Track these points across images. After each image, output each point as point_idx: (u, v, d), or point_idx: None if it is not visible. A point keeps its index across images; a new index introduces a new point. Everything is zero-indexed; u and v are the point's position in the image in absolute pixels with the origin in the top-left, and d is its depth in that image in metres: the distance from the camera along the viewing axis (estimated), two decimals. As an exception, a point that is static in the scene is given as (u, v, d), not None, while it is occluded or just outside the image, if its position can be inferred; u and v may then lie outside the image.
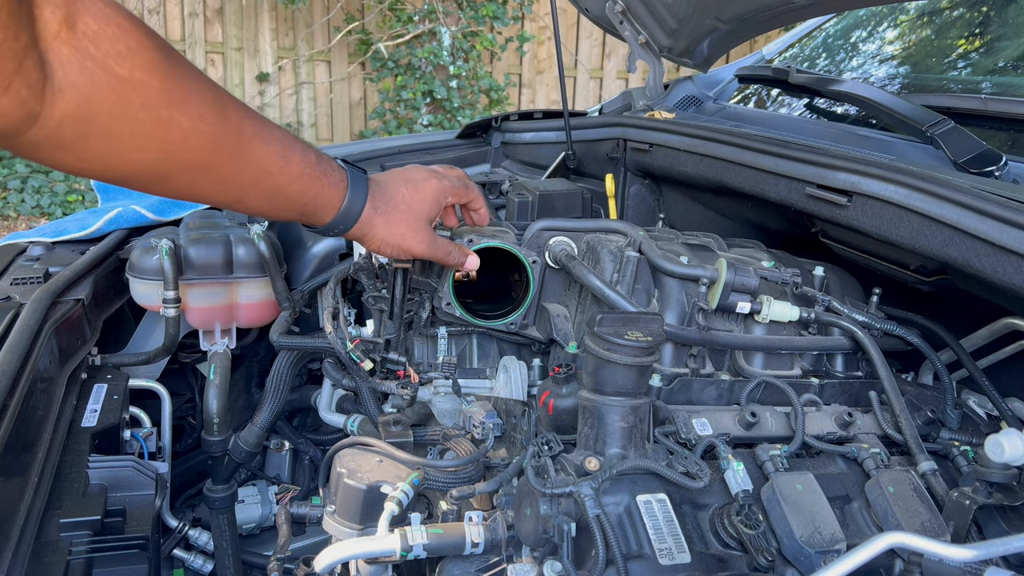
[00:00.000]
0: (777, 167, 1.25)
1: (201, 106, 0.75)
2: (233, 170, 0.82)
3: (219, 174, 0.81)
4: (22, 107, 0.60)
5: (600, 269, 1.14)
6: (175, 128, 0.73)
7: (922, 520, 0.85)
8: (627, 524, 0.82)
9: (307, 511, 1.15)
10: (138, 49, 0.68)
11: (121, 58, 0.66)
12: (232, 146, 0.80)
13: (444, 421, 1.19)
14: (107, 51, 0.65)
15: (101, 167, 0.73)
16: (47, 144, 0.66)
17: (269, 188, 0.87)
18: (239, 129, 0.80)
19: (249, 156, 0.82)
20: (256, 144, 0.83)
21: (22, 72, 0.58)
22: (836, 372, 1.13)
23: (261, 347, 1.72)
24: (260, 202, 0.89)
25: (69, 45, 0.63)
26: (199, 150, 0.77)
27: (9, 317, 1.13)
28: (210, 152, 0.78)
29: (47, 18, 0.61)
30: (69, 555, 0.91)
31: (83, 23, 0.64)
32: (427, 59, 6.29)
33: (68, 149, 0.68)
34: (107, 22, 0.65)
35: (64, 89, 0.63)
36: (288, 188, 0.89)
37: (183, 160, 0.76)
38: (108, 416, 1.20)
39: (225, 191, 0.85)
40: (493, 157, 2.17)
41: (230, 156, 0.80)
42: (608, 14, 1.87)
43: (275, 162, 0.85)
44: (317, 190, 0.92)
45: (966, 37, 1.83)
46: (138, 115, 0.69)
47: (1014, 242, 0.88)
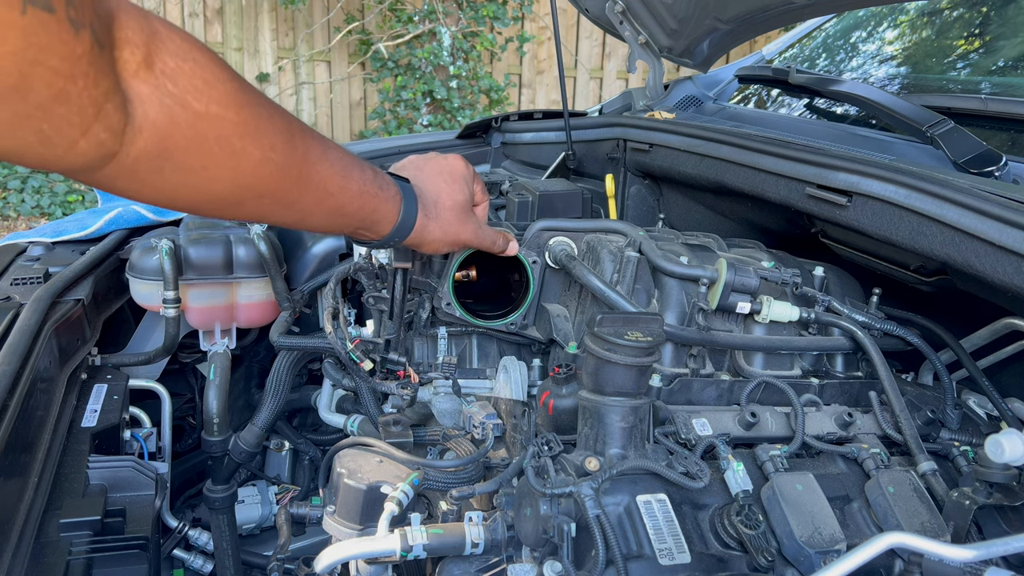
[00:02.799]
0: (777, 167, 1.25)
1: (272, 135, 0.76)
2: (298, 194, 0.83)
3: (285, 198, 0.82)
4: (100, 148, 0.60)
5: (600, 269, 1.14)
6: (247, 159, 0.74)
7: (922, 520, 0.85)
8: (627, 524, 0.82)
9: (307, 511, 1.15)
10: (214, 83, 0.68)
11: (198, 93, 0.67)
12: (298, 172, 0.81)
13: (444, 421, 1.19)
14: (185, 87, 0.65)
15: (173, 196, 0.73)
16: (121, 178, 0.66)
17: (330, 207, 0.88)
18: (305, 154, 0.82)
19: (313, 179, 0.84)
20: (320, 167, 0.84)
21: (102, 116, 0.59)
22: (836, 372, 1.13)
23: (261, 347, 1.72)
24: (321, 221, 0.91)
25: (148, 84, 0.63)
26: (269, 178, 0.78)
27: (9, 317, 1.13)
28: (278, 179, 0.79)
29: (127, 59, 0.61)
30: (69, 555, 0.91)
31: (161, 61, 0.64)
32: (427, 59, 6.29)
33: (142, 182, 0.68)
34: (184, 58, 0.66)
35: (144, 128, 0.63)
36: (348, 207, 0.90)
37: (253, 188, 0.77)
38: (108, 416, 1.20)
39: (289, 213, 0.86)
40: (493, 157, 2.17)
41: (295, 181, 0.81)
42: (608, 14, 1.87)
43: (336, 182, 0.87)
44: (375, 206, 0.93)
45: (966, 37, 1.83)
46: (213, 148, 0.70)
47: (1014, 242, 0.88)
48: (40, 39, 0.51)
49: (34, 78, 0.52)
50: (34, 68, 0.52)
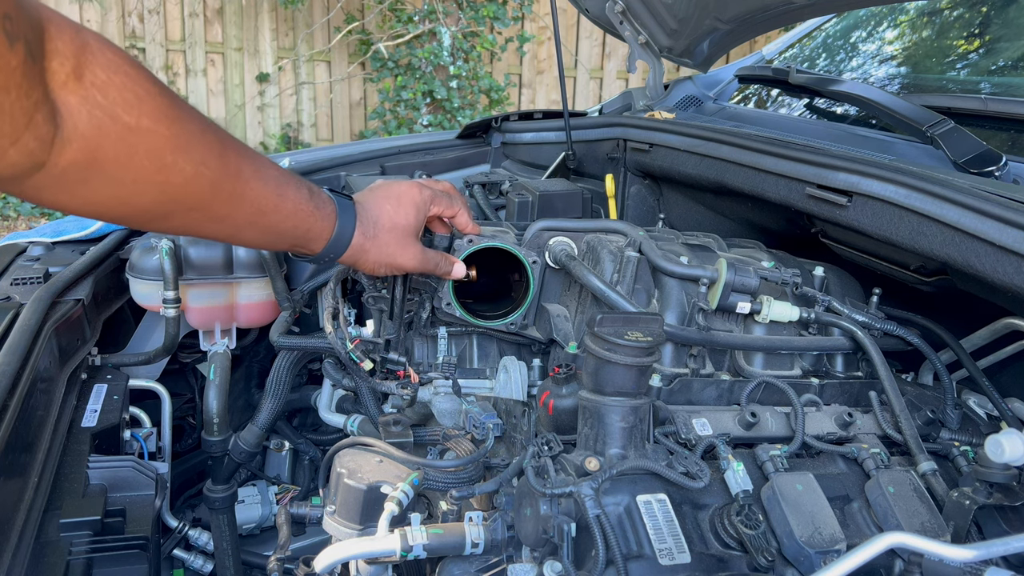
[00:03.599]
0: (777, 167, 1.25)
1: (204, 150, 0.76)
2: (230, 209, 0.83)
3: (216, 213, 0.82)
4: (29, 158, 0.61)
5: (600, 269, 1.14)
6: (177, 173, 0.74)
7: (922, 520, 0.85)
8: (627, 524, 0.82)
9: (307, 511, 1.15)
10: (145, 97, 0.68)
11: (129, 106, 0.67)
12: (230, 187, 0.81)
13: (444, 421, 1.19)
14: (115, 100, 0.65)
15: (100, 209, 0.73)
16: (48, 188, 0.66)
17: (263, 225, 0.88)
18: (238, 170, 0.82)
19: (246, 195, 0.83)
20: (253, 184, 0.84)
21: (32, 126, 0.59)
22: (836, 372, 1.13)
23: (261, 347, 1.72)
24: (254, 237, 0.92)
25: (77, 95, 0.63)
26: (199, 193, 0.77)
27: (9, 317, 1.13)
28: (209, 194, 0.79)
29: (55, 69, 0.61)
30: (69, 555, 0.91)
31: (91, 73, 0.64)
32: (427, 59, 6.29)
33: (70, 193, 0.68)
34: (115, 71, 0.66)
35: (72, 139, 0.63)
36: (281, 224, 0.90)
37: (183, 202, 0.77)
38: (108, 416, 1.20)
39: (221, 228, 0.86)
40: (493, 157, 2.17)
41: (228, 197, 0.81)
42: (608, 14, 1.87)
43: (270, 201, 0.87)
44: (309, 224, 0.94)
45: (966, 37, 1.83)
46: (143, 162, 0.70)
47: (1014, 242, 0.88)
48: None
49: None
50: None
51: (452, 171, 2.07)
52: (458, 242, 1.17)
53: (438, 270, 1.12)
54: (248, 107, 6.72)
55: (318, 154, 2.06)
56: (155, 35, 6.44)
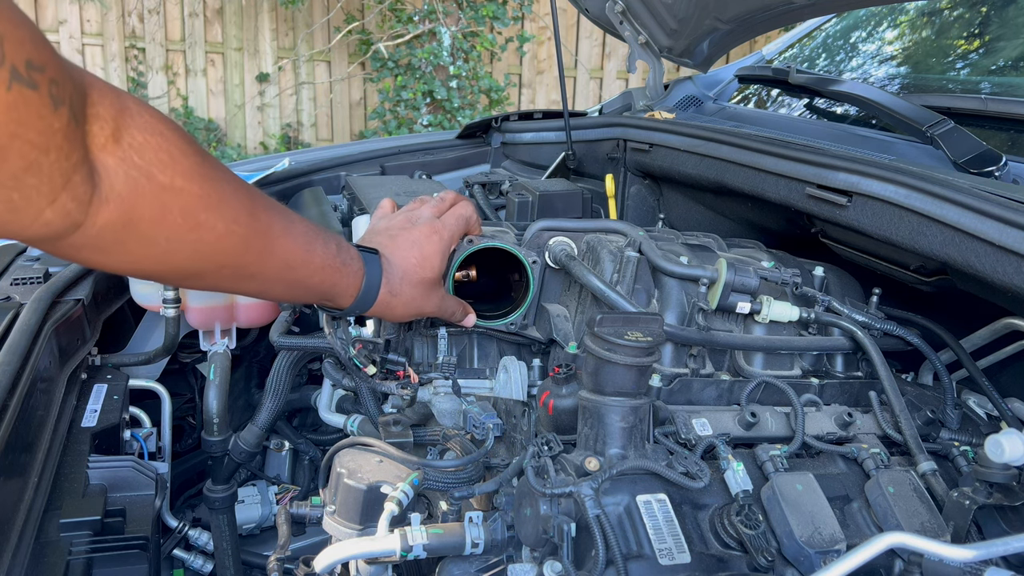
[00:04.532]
0: (777, 167, 1.25)
1: (235, 208, 0.77)
2: (260, 266, 0.84)
3: (247, 270, 0.83)
4: (66, 218, 0.62)
5: (600, 269, 1.14)
6: (210, 231, 0.75)
7: (922, 520, 0.85)
8: (627, 524, 0.82)
9: (307, 511, 1.15)
10: (179, 157, 0.70)
11: (163, 166, 0.68)
12: (261, 244, 0.82)
13: (444, 421, 1.19)
14: (151, 160, 0.67)
15: (136, 267, 0.75)
16: (85, 248, 0.67)
17: (292, 280, 0.89)
18: (268, 226, 0.83)
19: (276, 252, 0.85)
20: (283, 240, 0.85)
21: (70, 187, 0.60)
22: (836, 372, 1.13)
23: (261, 347, 1.72)
24: (282, 292, 0.93)
25: (115, 156, 0.64)
26: (231, 250, 0.79)
27: (9, 317, 1.13)
28: (241, 251, 0.80)
29: (95, 133, 0.63)
30: (69, 555, 0.91)
31: (129, 135, 0.65)
32: (427, 59, 6.29)
33: (105, 252, 0.69)
34: (151, 132, 0.67)
35: (109, 199, 0.64)
36: (310, 280, 0.91)
37: (215, 260, 0.78)
38: (108, 416, 1.20)
39: (251, 285, 0.87)
40: (493, 157, 2.17)
41: (258, 253, 0.82)
42: (608, 14, 1.87)
43: (299, 256, 0.88)
44: (336, 279, 0.94)
45: (966, 37, 1.83)
46: (176, 220, 0.71)
47: (1014, 242, 0.88)
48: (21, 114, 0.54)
49: (10, 150, 0.54)
50: (12, 141, 0.54)
51: (452, 171, 2.07)
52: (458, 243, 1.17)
53: (454, 318, 1.16)
54: (248, 107, 6.72)
55: (318, 154, 2.06)
56: (155, 35, 6.44)
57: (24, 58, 0.53)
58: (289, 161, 1.94)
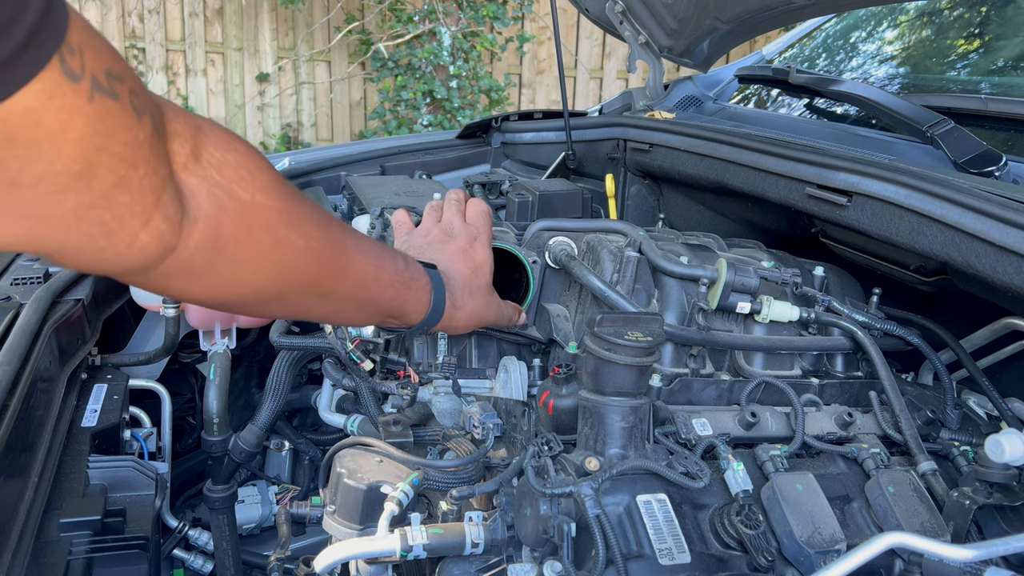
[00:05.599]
0: (777, 167, 1.25)
1: (311, 223, 0.77)
2: (335, 284, 0.83)
3: (323, 288, 0.82)
4: (160, 241, 0.60)
5: (600, 269, 1.14)
6: (290, 247, 0.74)
7: (922, 520, 0.85)
8: (627, 524, 0.82)
9: (307, 511, 1.15)
10: (257, 172, 0.69)
11: (243, 183, 0.67)
12: (336, 261, 0.81)
13: (444, 421, 1.19)
14: (230, 177, 0.66)
15: (222, 292, 0.74)
16: (177, 275, 0.66)
17: (364, 299, 0.89)
18: (341, 242, 0.82)
19: (349, 269, 0.84)
20: (355, 256, 0.84)
21: (161, 205, 0.59)
22: (836, 372, 1.13)
23: (261, 347, 1.72)
24: (354, 312, 0.92)
25: (197, 175, 0.64)
26: (309, 267, 0.78)
27: (9, 317, 1.13)
28: (318, 268, 0.79)
29: (176, 151, 0.62)
30: (69, 555, 0.91)
31: (207, 153, 0.65)
32: (427, 59, 6.29)
33: (196, 277, 0.68)
34: (228, 149, 0.67)
35: (198, 219, 0.64)
36: (380, 297, 0.90)
37: (295, 278, 0.78)
38: (108, 416, 1.20)
39: (326, 305, 0.86)
40: (493, 157, 2.17)
41: (334, 271, 0.82)
42: (608, 14, 1.87)
43: (371, 272, 0.87)
44: (406, 296, 0.93)
45: (966, 37, 1.83)
46: (260, 237, 0.70)
47: (1014, 242, 0.88)
48: (106, 125, 0.52)
49: (99, 165, 0.52)
50: (99, 155, 0.52)
51: (452, 171, 2.07)
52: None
53: (512, 322, 1.17)
54: (248, 107, 6.72)
55: (318, 154, 2.07)
56: (155, 35, 6.44)
57: (104, 68, 0.51)
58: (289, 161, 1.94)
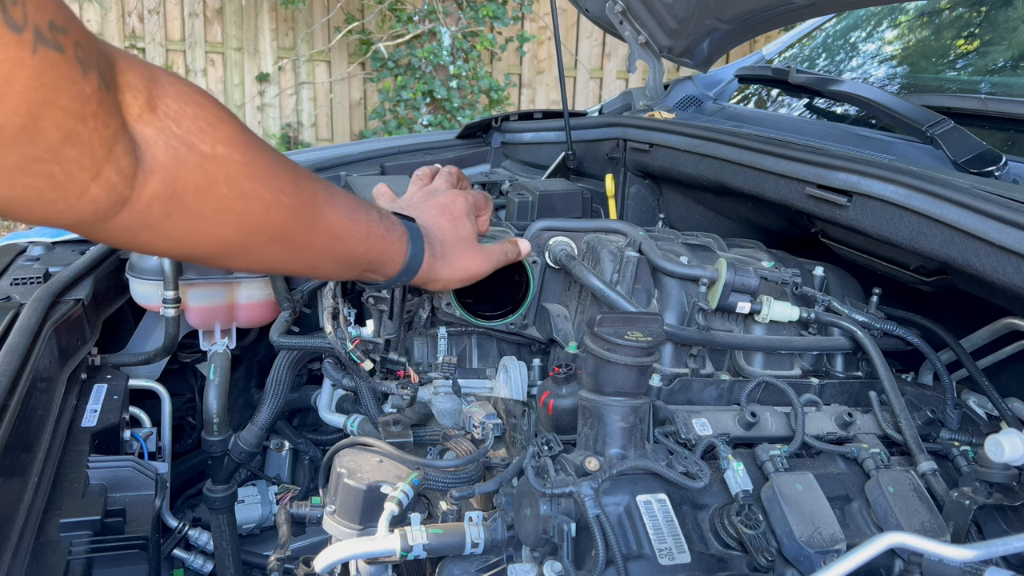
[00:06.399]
0: (777, 167, 1.25)
1: (280, 177, 0.76)
2: (307, 238, 0.83)
3: (295, 243, 0.82)
4: (111, 193, 0.60)
5: (600, 269, 1.14)
6: (256, 201, 0.74)
7: (922, 520, 0.85)
8: (627, 524, 0.82)
9: (307, 511, 1.15)
10: (218, 124, 0.69)
11: (203, 134, 0.67)
12: (308, 214, 0.81)
13: (444, 421, 1.19)
14: (189, 128, 0.66)
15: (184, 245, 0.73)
16: (134, 227, 0.66)
17: (339, 252, 0.88)
18: (313, 196, 0.81)
19: (321, 223, 0.83)
20: (327, 210, 0.84)
21: (112, 158, 0.59)
22: (836, 372, 1.13)
23: (261, 347, 1.72)
24: (330, 266, 0.91)
25: (153, 126, 0.63)
26: (278, 221, 0.77)
27: (9, 317, 1.13)
28: (288, 222, 0.79)
29: (129, 102, 0.62)
30: (69, 555, 0.91)
31: (164, 104, 0.64)
32: (427, 59, 6.29)
33: (154, 229, 0.68)
34: (186, 101, 0.66)
35: (154, 170, 0.63)
36: (356, 249, 0.90)
37: (264, 232, 0.77)
38: (108, 416, 1.20)
39: (300, 259, 0.86)
40: (493, 157, 2.17)
41: (305, 225, 0.81)
42: (608, 14, 1.87)
43: (344, 226, 0.86)
44: (382, 248, 0.93)
45: (965, 37, 1.83)
46: (222, 190, 0.70)
47: (1014, 242, 0.88)
48: (50, 79, 0.51)
49: (44, 119, 0.52)
50: (44, 108, 0.51)
51: (452, 171, 2.06)
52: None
53: (508, 257, 1.13)
54: (248, 107, 6.72)
55: (318, 154, 2.06)
56: (155, 35, 6.44)
57: (47, 19, 0.50)
58: (289, 161, 1.93)
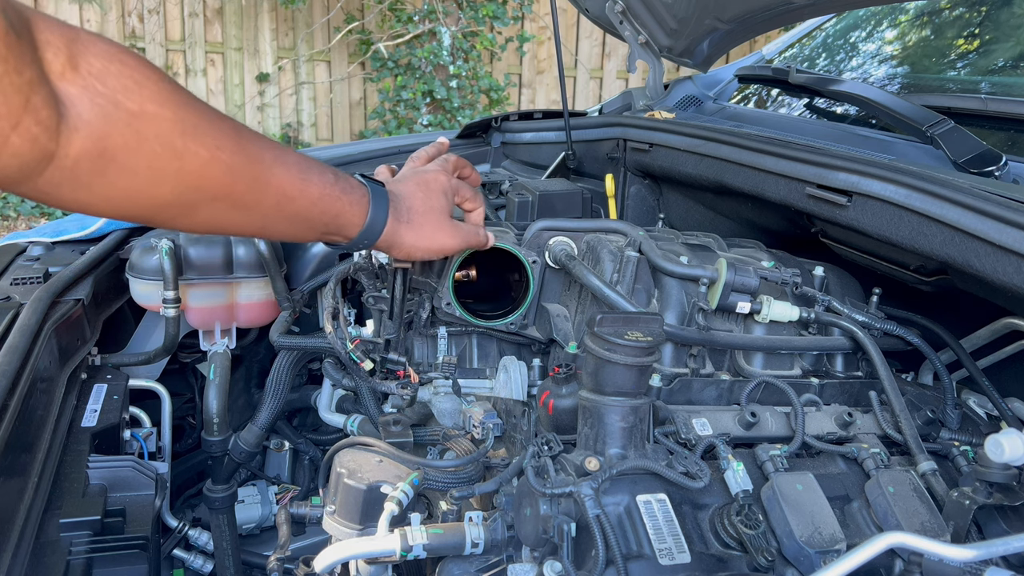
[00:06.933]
0: (777, 167, 1.25)
1: (217, 135, 0.75)
2: (254, 197, 0.82)
3: (240, 202, 0.81)
4: (35, 146, 0.60)
5: (600, 269, 1.14)
6: (192, 158, 0.73)
7: (922, 520, 0.85)
8: (627, 524, 0.82)
9: (307, 511, 1.15)
10: (145, 83, 0.68)
11: (129, 92, 0.67)
12: (252, 173, 0.80)
13: (444, 421, 1.19)
14: (115, 87, 0.65)
15: (121, 204, 0.72)
16: (65, 184, 0.66)
17: (291, 212, 0.87)
18: (258, 155, 0.81)
19: (270, 181, 0.82)
20: (275, 169, 0.83)
21: (30, 109, 0.58)
22: (836, 372, 1.13)
23: (261, 347, 1.72)
24: (283, 227, 0.90)
25: (76, 85, 0.63)
26: (219, 179, 0.77)
27: (9, 317, 1.13)
28: (230, 180, 0.78)
29: (50, 60, 0.61)
30: (69, 555, 0.91)
31: (86, 63, 0.64)
32: (427, 59, 6.29)
33: (87, 188, 0.68)
34: (110, 59, 0.66)
35: (79, 128, 0.63)
36: (310, 210, 0.89)
37: (204, 190, 0.76)
38: (108, 416, 1.20)
39: (248, 219, 0.85)
40: (493, 157, 2.17)
41: (250, 183, 0.80)
42: (608, 14, 1.87)
43: (295, 185, 0.85)
44: (339, 209, 0.92)
45: (965, 37, 1.83)
46: (154, 147, 0.69)
47: (1014, 242, 0.88)
48: None
49: None
50: None
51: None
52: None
53: (478, 240, 1.11)
54: (248, 107, 6.72)
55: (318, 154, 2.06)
56: (155, 35, 6.44)
57: None
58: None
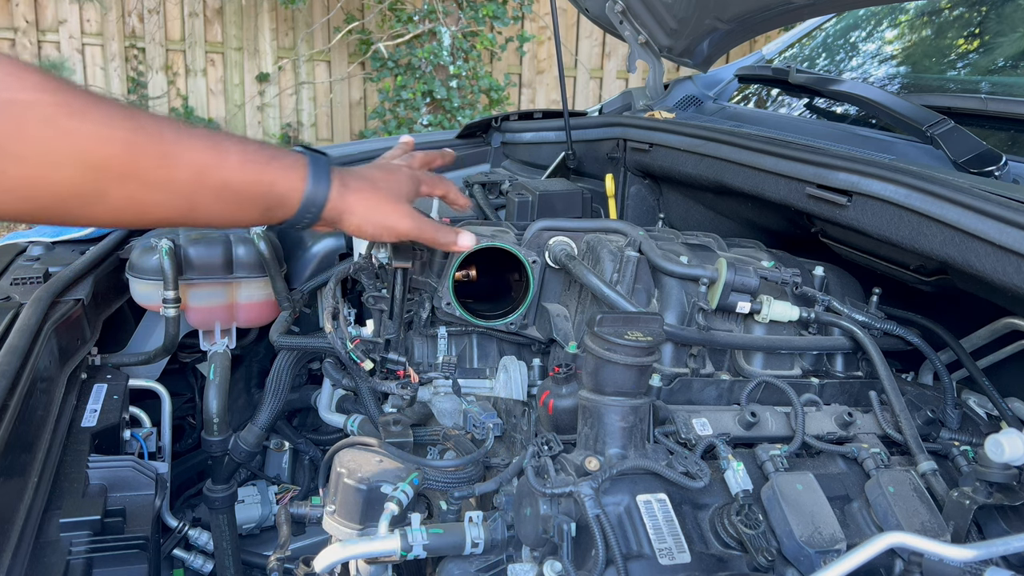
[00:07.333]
0: (777, 167, 1.25)
1: (109, 112, 0.74)
2: (166, 173, 0.79)
3: (151, 179, 0.78)
4: None
5: (600, 269, 1.14)
6: (85, 137, 0.72)
7: (922, 520, 0.85)
8: (627, 524, 0.82)
9: (307, 511, 1.15)
10: (16, 73, 0.68)
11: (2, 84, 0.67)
12: (156, 148, 0.78)
13: (444, 421, 1.19)
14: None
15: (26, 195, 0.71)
16: None
17: (214, 186, 0.83)
18: (157, 132, 0.78)
19: (180, 155, 0.80)
20: (184, 142, 0.80)
21: None
22: (836, 372, 1.13)
23: (261, 347, 1.72)
24: (216, 207, 0.85)
25: None
26: (119, 156, 0.75)
27: (9, 317, 1.13)
28: (132, 157, 0.76)
29: None
30: (69, 555, 0.91)
31: None
32: (427, 59, 6.28)
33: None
34: None
35: None
36: (235, 181, 0.84)
37: (107, 169, 0.74)
38: (108, 416, 1.21)
39: (169, 200, 0.81)
40: (493, 157, 2.17)
41: (158, 159, 0.78)
42: (608, 14, 1.87)
43: (209, 156, 0.82)
44: (272, 177, 0.87)
45: (965, 37, 1.83)
46: (40, 131, 0.69)
47: (1014, 242, 0.88)
48: None
49: None
50: None
51: (452, 171, 2.06)
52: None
53: (439, 236, 1.04)
54: (248, 107, 6.72)
55: (318, 154, 2.06)
56: (155, 35, 6.43)
57: None
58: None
